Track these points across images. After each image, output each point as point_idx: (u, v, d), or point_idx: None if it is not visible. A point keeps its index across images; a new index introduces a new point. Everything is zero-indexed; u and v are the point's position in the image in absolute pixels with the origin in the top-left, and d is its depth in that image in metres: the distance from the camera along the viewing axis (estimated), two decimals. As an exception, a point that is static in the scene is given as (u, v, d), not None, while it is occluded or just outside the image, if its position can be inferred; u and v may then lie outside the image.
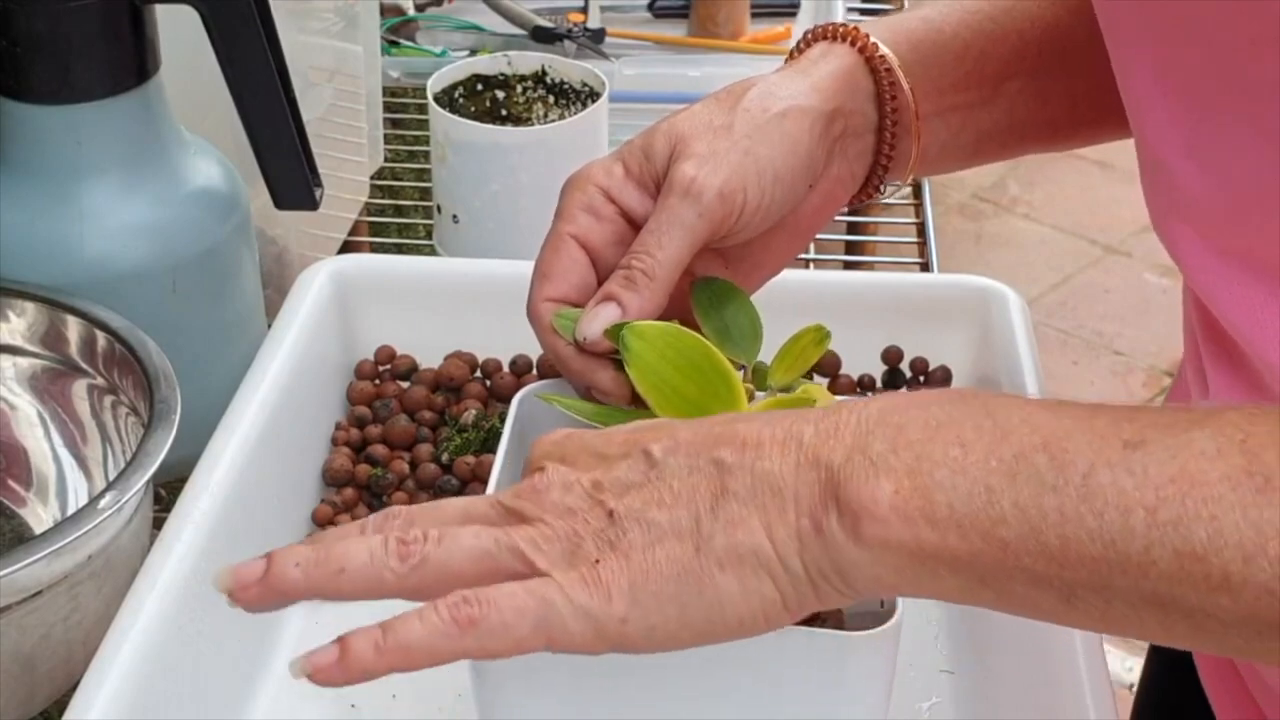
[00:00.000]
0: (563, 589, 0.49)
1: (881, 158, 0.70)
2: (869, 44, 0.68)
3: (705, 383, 0.59)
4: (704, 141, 0.65)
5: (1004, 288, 0.85)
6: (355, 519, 0.80)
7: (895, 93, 0.69)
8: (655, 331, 0.59)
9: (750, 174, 0.65)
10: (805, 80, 0.67)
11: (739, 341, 0.64)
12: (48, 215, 0.81)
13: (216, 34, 0.80)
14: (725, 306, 0.65)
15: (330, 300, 0.85)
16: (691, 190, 0.63)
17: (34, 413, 0.83)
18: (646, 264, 0.63)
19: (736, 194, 0.64)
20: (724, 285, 0.66)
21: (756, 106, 0.66)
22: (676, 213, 0.64)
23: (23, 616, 0.67)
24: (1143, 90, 0.59)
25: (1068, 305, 2.80)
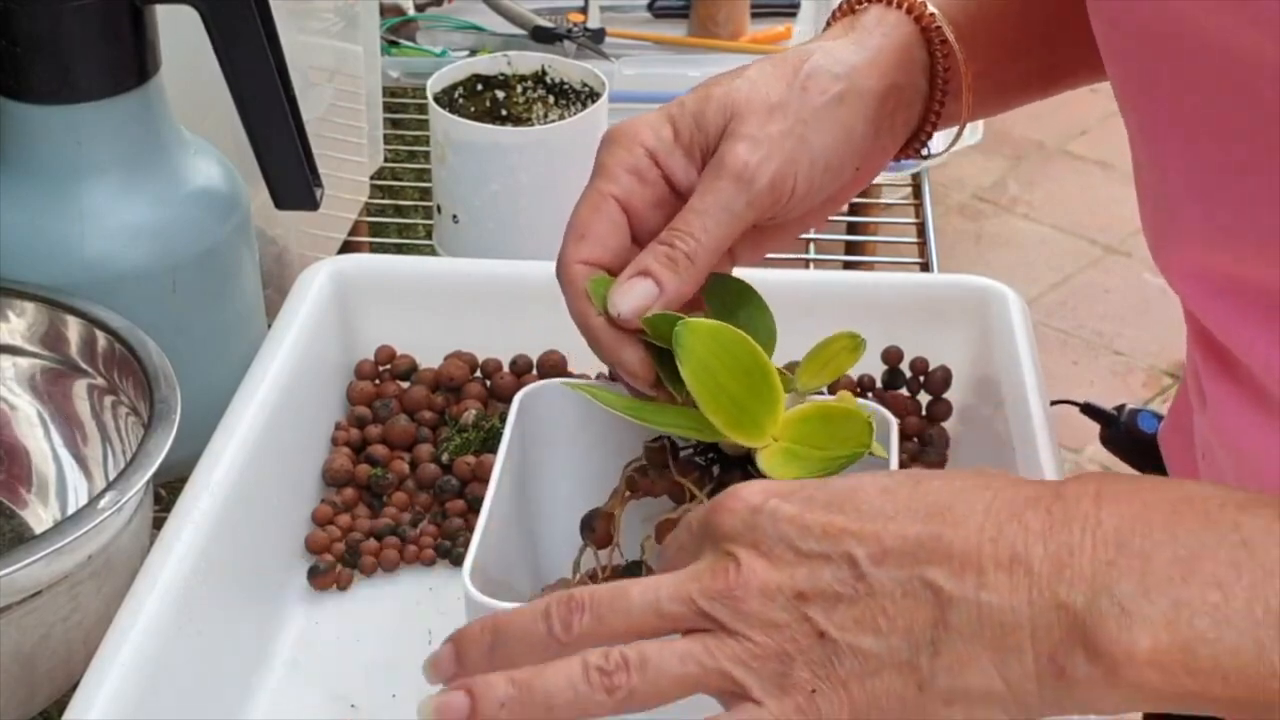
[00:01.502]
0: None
1: (927, 124, 0.69)
2: (926, 13, 0.67)
3: (751, 384, 0.58)
4: (758, 121, 0.63)
5: (1004, 288, 0.85)
6: (355, 519, 0.80)
7: (949, 64, 0.67)
8: (707, 330, 0.57)
9: (803, 163, 0.63)
10: (863, 53, 0.65)
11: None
12: (48, 215, 0.81)
13: (216, 34, 0.80)
14: (740, 310, 0.64)
15: (330, 300, 0.85)
16: (744, 176, 0.62)
17: (34, 413, 0.83)
18: (690, 246, 0.62)
19: (787, 182, 0.63)
20: (737, 284, 0.65)
21: (815, 86, 0.64)
22: (726, 198, 0.62)
23: (23, 616, 0.67)
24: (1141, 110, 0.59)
25: (1068, 305, 2.80)
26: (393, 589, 0.78)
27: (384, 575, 0.79)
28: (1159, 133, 0.58)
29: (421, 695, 0.50)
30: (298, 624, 0.76)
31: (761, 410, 0.57)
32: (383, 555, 0.79)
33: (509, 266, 0.87)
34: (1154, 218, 0.61)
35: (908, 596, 0.46)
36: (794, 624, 0.47)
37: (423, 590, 0.78)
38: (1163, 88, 0.56)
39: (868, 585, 0.47)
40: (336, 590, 0.78)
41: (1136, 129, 0.60)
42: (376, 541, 0.79)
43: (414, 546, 0.80)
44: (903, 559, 0.47)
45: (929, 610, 0.46)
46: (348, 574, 0.78)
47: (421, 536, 0.80)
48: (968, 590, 0.45)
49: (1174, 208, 0.58)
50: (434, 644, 0.74)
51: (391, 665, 0.73)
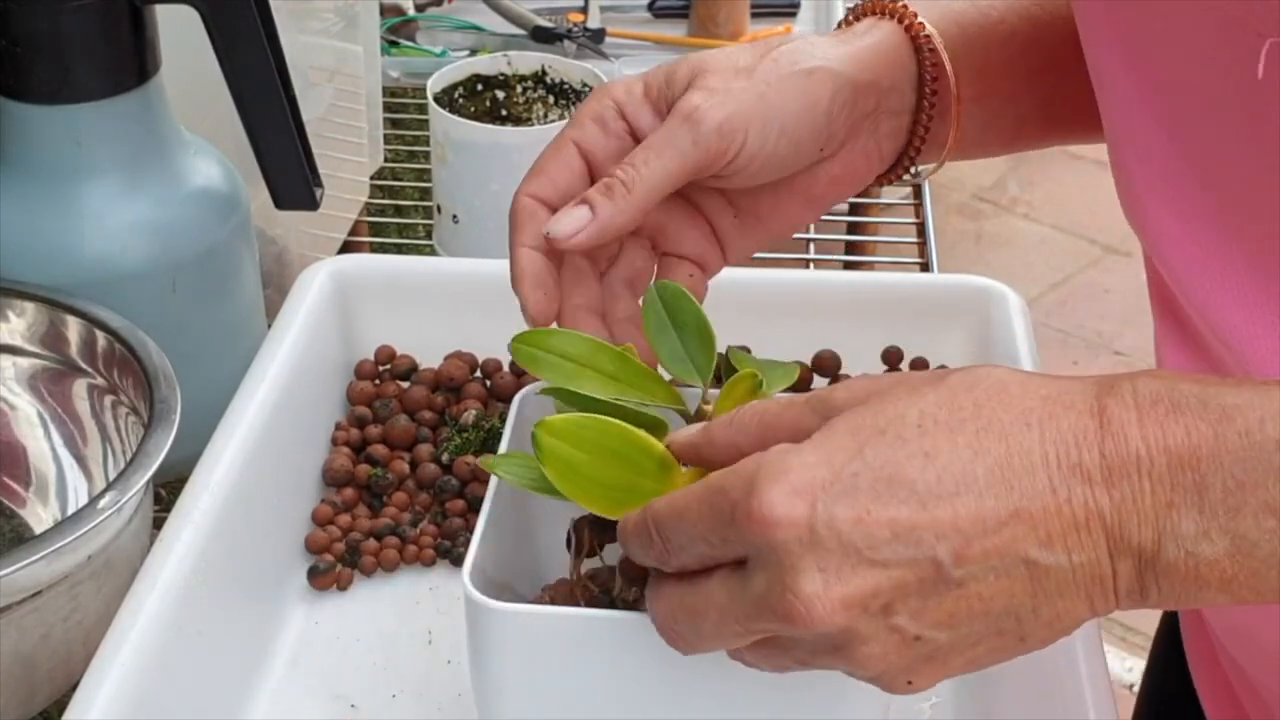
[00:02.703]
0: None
1: (915, 140, 0.69)
2: (916, 24, 0.67)
3: (629, 466, 0.56)
4: (721, 77, 0.64)
5: (1004, 288, 0.85)
6: (355, 519, 0.80)
7: (937, 75, 0.68)
8: (565, 425, 0.56)
9: (756, 117, 0.64)
10: (843, 47, 0.66)
11: (693, 360, 0.62)
12: (48, 215, 0.81)
13: (216, 34, 0.80)
14: (677, 325, 0.63)
15: (330, 300, 0.85)
16: (693, 117, 0.63)
17: (34, 413, 0.83)
18: (629, 175, 0.62)
19: (737, 133, 0.63)
20: (674, 294, 0.64)
21: (786, 59, 0.65)
22: (672, 135, 0.63)
23: (23, 616, 0.67)
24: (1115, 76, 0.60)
25: (1068, 305, 2.80)
26: (393, 589, 0.78)
27: (384, 575, 0.79)
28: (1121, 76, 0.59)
29: (421, 695, 0.50)
30: (298, 624, 0.76)
31: (651, 484, 0.55)
32: (383, 555, 0.79)
33: (509, 266, 0.87)
34: (1122, 159, 0.62)
35: (1001, 576, 0.47)
36: (882, 636, 0.47)
37: (423, 590, 0.78)
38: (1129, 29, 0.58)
39: (958, 580, 0.47)
40: (336, 590, 0.78)
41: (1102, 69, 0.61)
42: (376, 541, 0.79)
43: (414, 546, 0.80)
44: (989, 544, 0.46)
45: (1025, 582, 0.47)
46: (348, 574, 0.78)
47: (421, 536, 0.80)
48: (1060, 558, 0.46)
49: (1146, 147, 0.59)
50: (434, 644, 0.75)
51: (391, 665, 0.73)
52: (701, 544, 0.50)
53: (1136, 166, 0.60)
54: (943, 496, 0.47)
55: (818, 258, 1.18)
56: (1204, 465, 0.46)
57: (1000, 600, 0.47)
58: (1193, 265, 0.58)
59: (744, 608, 0.49)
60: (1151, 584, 0.47)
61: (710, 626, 0.50)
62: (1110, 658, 2.07)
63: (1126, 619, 2.10)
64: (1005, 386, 0.48)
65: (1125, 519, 0.46)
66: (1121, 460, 0.46)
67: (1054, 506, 0.46)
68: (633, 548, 0.53)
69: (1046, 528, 0.46)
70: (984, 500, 0.46)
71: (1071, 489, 0.46)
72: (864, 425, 0.48)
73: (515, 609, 0.57)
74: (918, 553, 0.47)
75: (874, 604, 0.47)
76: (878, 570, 0.47)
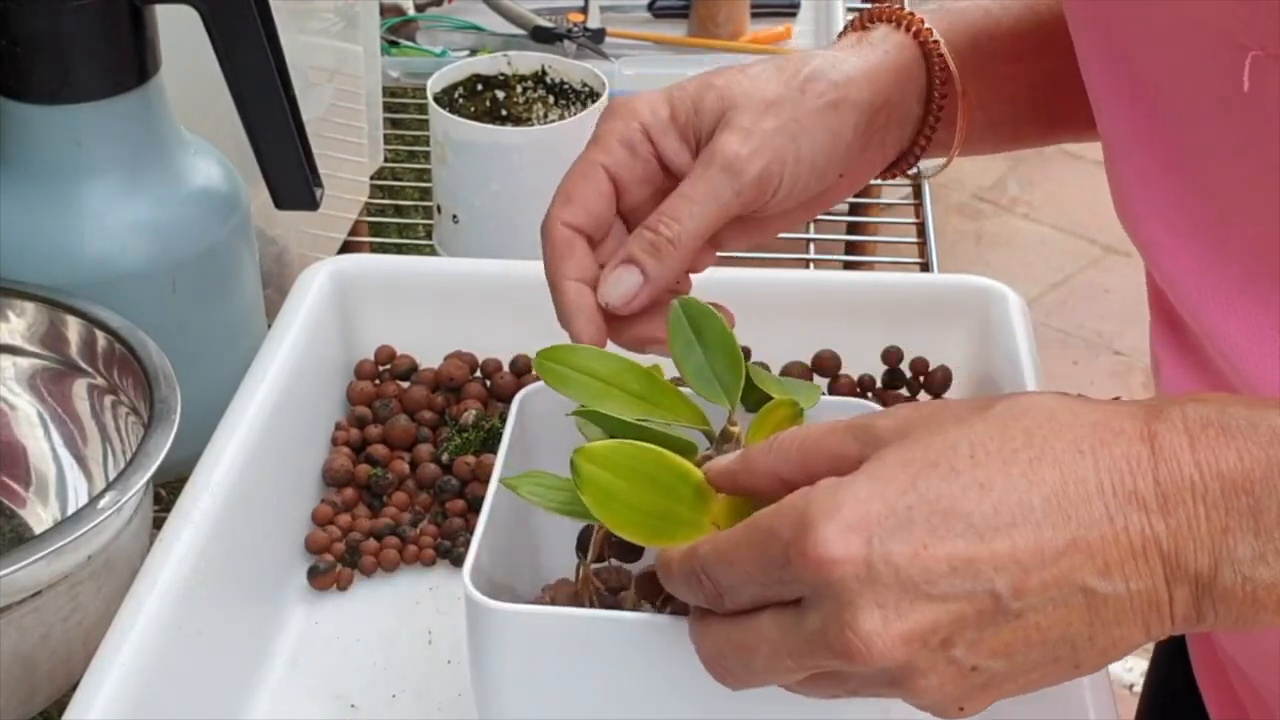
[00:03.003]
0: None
1: (918, 144, 0.70)
2: (931, 42, 0.68)
3: (664, 491, 0.55)
4: (753, 115, 0.64)
5: (1004, 288, 0.85)
6: (355, 519, 0.80)
7: (946, 90, 0.68)
8: (605, 451, 0.55)
9: (790, 160, 0.64)
10: (862, 64, 0.67)
11: (719, 380, 0.62)
12: (48, 215, 0.81)
13: (216, 34, 0.80)
14: (702, 343, 0.63)
15: (330, 300, 0.85)
16: (734, 167, 0.63)
17: (34, 413, 0.83)
18: (674, 231, 0.63)
19: (774, 177, 0.64)
20: (698, 311, 0.63)
21: (812, 90, 0.65)
22: (713, 185, 0.63)
23: (23, 616, 0.67)
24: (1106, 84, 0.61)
25: (1068, 305, 2.80)
26: (393, 589, 0.78)
27: (384, 575, 0.79)
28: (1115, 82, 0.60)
29: (421, 695, 0.50)
30: (298, 624, 0.76)
31: (687, 512, 0.55)
32: (383, 555, 0.79)
33: (509, 266, 0.87)
34: (1119, 181, 0.62)
35: (1060, 607, 0.46)
36: (940, 668, 0.47)
37: (423, 590, 0.78)
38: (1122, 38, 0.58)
39: (1016, 611, 0.46)
40: (336, 590, 0.78)
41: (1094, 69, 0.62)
42: (376, 541, 0.79)
43: (414, 546, 0.80)
44: (1048, 576, 0.46)
45: (1082, 612, 0.47)
46: (348, 574, 0.78)
47: (421, 536, 0.80)
48: (1118, 586, 0.46)
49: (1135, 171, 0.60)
50: (434, 644, 0.75)
51: (391, 665, 0.73)
52: (754, 586, 0.49)
53: (1130, 178, 0.61)
54: (1000, 528, 0.46)
55: (818, 258, 1.18)
56: (1258, 489, 0.46)
57: (1057, 630, 0.47)
58: (1187, 275, 0.58)
59: (799, 644, 0.48)
60: (1209, 609, 0.47)
61: (762, 662, 0.50)
62: (1110, 658, 2.06)
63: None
64: (1054, 414, 0.48)
65: (1182, 546, 0.46)
66: (1176, 486, 0.46)
67: (1111, 535, 0.46)
68: (679, 588, 0.52)
69: (1104, 556, 0.46)
70: (1041, 531, 0.46)
71: (1128, 517, 0.46)
72: (915, 458, 0.48)
73: (515, 609, 0.57)
74: (976, 586, 0.46)
75: (933, 639, 0.47)
76: (936, 605, 0.46)
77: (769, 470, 0.53)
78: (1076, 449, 0.47)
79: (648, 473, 0.55)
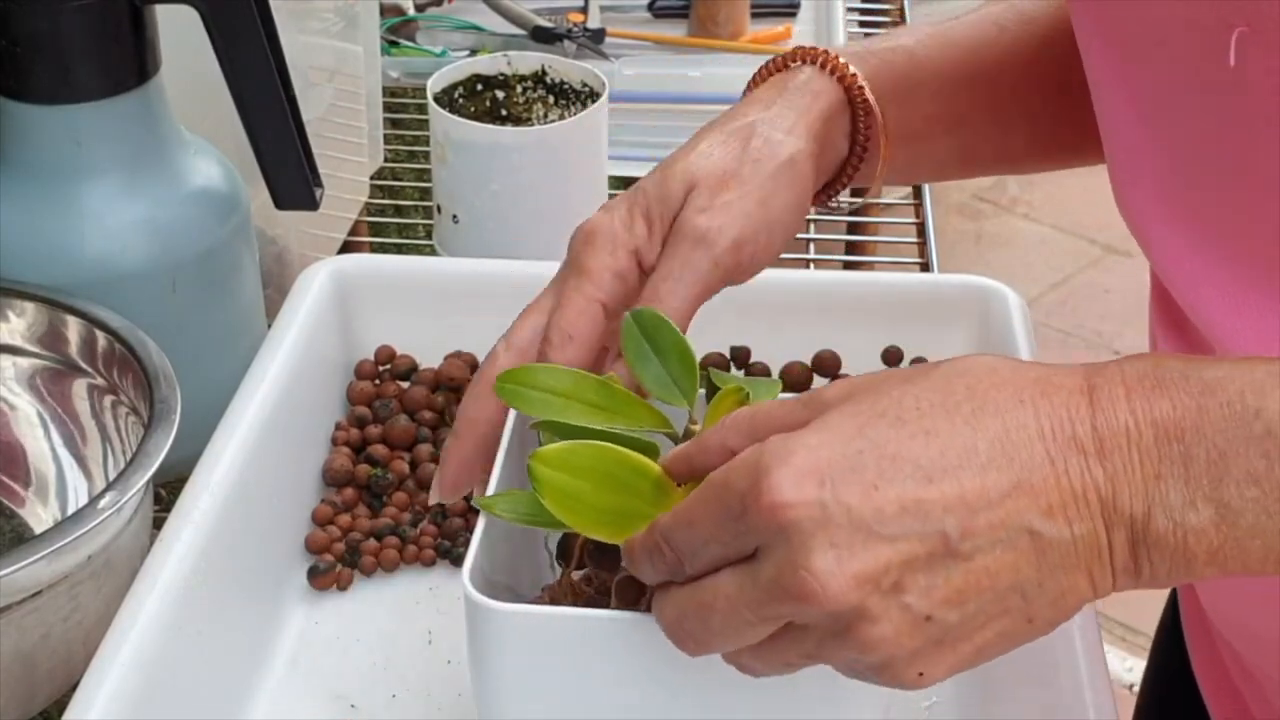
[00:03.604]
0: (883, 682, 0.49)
1: (839, 182, 0.72)
2: (856, 87, 0.69)
3: (624, 487, 0.56)
4: (711, 191, 0.65)
5: (1004, 288, 0.85)
6: (355, 519, 0.80)
7: (870, 135, 0.70)
8: (558, 454, 0.56)
9: (762, 225, 0.65)
10: (800, 119, 0.68)
11: (677, 384, 0.62)
12: (48, 215, 0.81)
13: (216, 34, 0.80)
14: (657, 351, 0.63)
15: (330, 300, 0.85)
16: (706, 239, 0.63)
17: (34, 412, 0.83)
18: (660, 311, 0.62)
19: (748, 244, 0.64)
20: (651, 319, 0.63)
21: (766, 155, 0.66)
22: (690, 260, 0.63)
23: (23, 616, 0.67)
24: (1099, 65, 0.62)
25: (1068, 305, 2.80)
26: (393, 589, 0.78)
27: (384, 575, 0.79)
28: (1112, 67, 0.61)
29: (421, 695, 0.50)
30: (298, 624, 0.76)
31: (647, 507, 0.55)
32: (383, 555, 0.79)
33: (509, 266, 0.87)
34: (1114, 163, 0.63)
35: (1007, 549, 0.47)
36: (894, 614, 0.47)
37: (423, 590, 0.78)
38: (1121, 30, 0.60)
39: (965, 554, 0.47)
40: (336, 590, 0.78)
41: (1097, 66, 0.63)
42: (376, 541, 0.79)
43: (414, 546, 0.80)
44: (994, 517, 0.47)
45: (1029, 555, 0.47)
46: (348, 574, 0.78)
47: (421, 536, 0.80)
48: (1061, 529, 0.47)
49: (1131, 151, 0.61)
50: (434, 644, 0.75)
51: (391, 665, 0.73)
52: (714, 545, 0.50)
53: (1125, 160, 0.62)
54: (947, 471, 0.47)
55: (818, 258, 1.18)
56: (1188, 436, 0.47)
57: (1006, 575, 0.47)
58: (1179, 259, 0.59)
59: (755, 593, 0.49)
60: (1144, 557, 0.47)
61: (720, 619, 0.50)
62: (1110, 658, 2.07)
63: (1127, 619, 2.10)
64: (995, 370, 0.49)
65: (1119, 490, 0.47)
66: (1112, 432, 0.47)
67: (1053, 478, 0.47)
68: (642, 568, 0.53)
69: (1048, 499, 0.47)
70: (986, 474, 0.47)
71: (1068, 460, 0.47)
72: (862, 410, 0.49)
73: (515, 609, 0.57)
74: (925, 527, 0.47)
75: (885, 580, 0.47)
76: (887, 545, 0.47)
77: (720, 445, 0.53)
78: (1017, 399, 0.48)
79: (606, 470, 0.56)
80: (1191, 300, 0.59)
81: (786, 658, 0.51)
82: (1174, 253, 0.59)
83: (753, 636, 0.50)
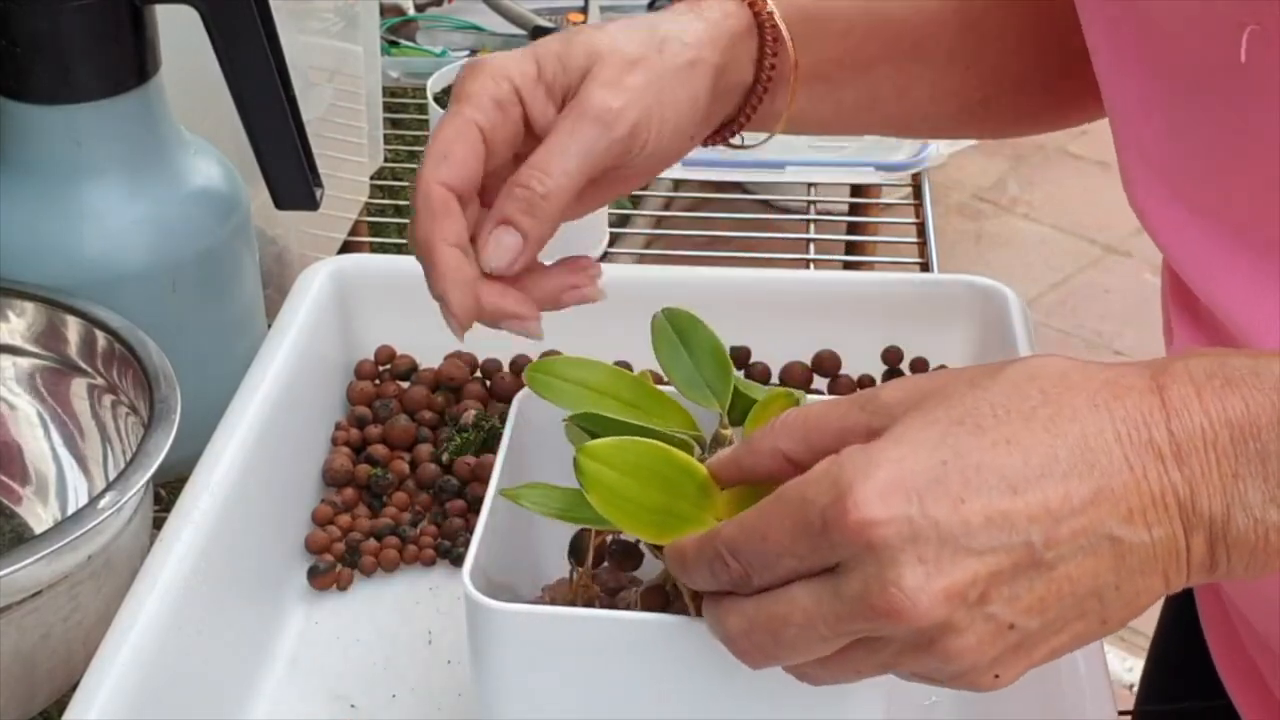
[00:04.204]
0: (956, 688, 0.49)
1: (742, 115, 0.70)
2: (766, 13, 0.68)
3: (670, 487, 0.55)
4: (619, 70, 0.63)
5: (1004, 288, 0.85)
6: (355, 519, 0.80)
7: (776, 63, 0.68)
8: (608, 449, 0.55)
9: (655, 119, 0.64)
10: (707, 32, 0.67)
11: (709, 385, 0.62)
12: (48, 215, 0.81)
13: (216, 34, 0.80)
14: (689, 349, 0.63)
15: (330, 300, 0.85)
16: (606, 119, 0.62)
17: (33, 412, 0.83)
18: (547, 186, 0.61)
19: (643, 133, 0.63)
20: (684, 319, 0.63)
21: (670, 51, 0.65)
22: (585, 137, 0.61)
23: (23, 616, 0.67)
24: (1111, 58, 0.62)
25: (1068, 305, 2.80)
26: (393, 589, 0.78)
27: (384, 575, 0.79)
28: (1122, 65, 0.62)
29: (421, 695, 0.49)
30: (298, 624, 0.76)
31: (690, 508, 0.55)
32: (383, 555, 0.79)
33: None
34: (1125, 155, 0.64)
35: (1089, 555, 0.47)
36: (978, 625, 0.47)
37: (423, 590, 0.78)
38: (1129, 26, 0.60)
39: (1049, 562, 0.47)
40: (336, 590, 0.78)
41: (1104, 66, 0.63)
42: (376, 541, 0.79)
43: (414, 546, 0.80)
44: (1077, 525, 0.47)
45: (1109, 560, 0.47)
46: (348, 574, 0.78)
47: (421, 536, 0.80)
48: (1141, 534, 0.47)
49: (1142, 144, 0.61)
50: (434, 644, 0.75)
51: (391, 665, 0.73)
52: (789, 559, 0.49)
53: (1137, 162, 0.62)
54: (1030, 480, 0.47)
55: (818, 258, 1.18)
56: (1264, 434, 0.47)
57: (1087, 581, 0.47)
58: (1197, 252, 0.59)
59: (838, 609, 0.48)
60: (1222, 555, 0.47)
61: (794, 634, 0.49)
62: (1110, 658, 2.06)
63: (1126, 619, 2.10)
64: (1065, 374, 0.49)
65: (1197, 493, 0.47)
66: (1188, 435, 0.47)
67: (1133, 482, 0.47)
68: (697, 575, 0.52)
69: (1127, 503, 0.47)
70: (1069, 481, 0.47)
71: (1146, 465, 0.47)
72: (939, 418, 0.48)
73: (516, 609, 0.57)
74: (1012, 539, 0.47)
75: (972, 593, 0.47)
76: (974, 559, 0.46)
77: (773, 449, 0.53)
78: (1091, 404, 0.48)
79: (653, 469, 0.55)
80: (1209, 288, 0.59)
81: (858, 668, 0.50)
82: (1189, 243, 0.59)
83: (825, 650, 0.49)
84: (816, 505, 0.48)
